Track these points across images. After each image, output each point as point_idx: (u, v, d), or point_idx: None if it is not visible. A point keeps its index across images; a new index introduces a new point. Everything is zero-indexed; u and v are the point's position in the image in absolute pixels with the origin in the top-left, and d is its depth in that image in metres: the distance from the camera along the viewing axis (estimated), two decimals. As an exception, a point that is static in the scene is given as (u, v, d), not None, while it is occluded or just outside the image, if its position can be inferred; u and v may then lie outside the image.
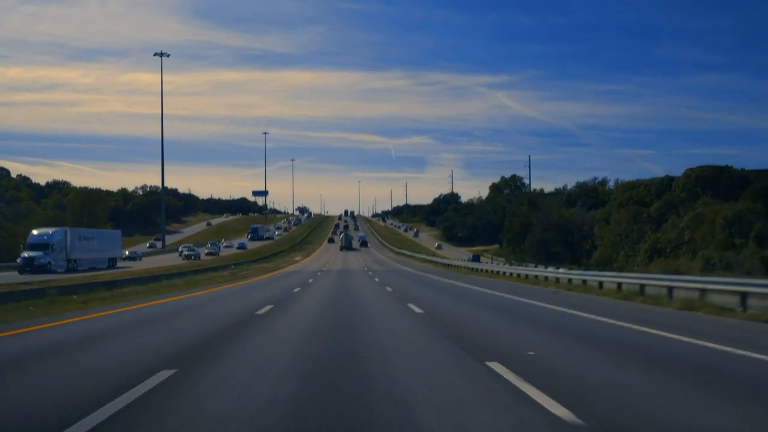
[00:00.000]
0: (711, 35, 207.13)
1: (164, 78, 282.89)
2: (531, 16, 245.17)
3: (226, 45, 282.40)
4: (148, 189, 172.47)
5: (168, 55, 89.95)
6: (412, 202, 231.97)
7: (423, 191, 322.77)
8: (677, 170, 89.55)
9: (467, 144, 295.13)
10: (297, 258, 75.33)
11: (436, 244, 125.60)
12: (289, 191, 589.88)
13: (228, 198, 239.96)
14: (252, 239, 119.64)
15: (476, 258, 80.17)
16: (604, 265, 56.55)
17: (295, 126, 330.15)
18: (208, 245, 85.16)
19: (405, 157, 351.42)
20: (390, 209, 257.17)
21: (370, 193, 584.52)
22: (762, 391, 6.32)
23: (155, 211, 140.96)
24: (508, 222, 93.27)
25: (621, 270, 44.63)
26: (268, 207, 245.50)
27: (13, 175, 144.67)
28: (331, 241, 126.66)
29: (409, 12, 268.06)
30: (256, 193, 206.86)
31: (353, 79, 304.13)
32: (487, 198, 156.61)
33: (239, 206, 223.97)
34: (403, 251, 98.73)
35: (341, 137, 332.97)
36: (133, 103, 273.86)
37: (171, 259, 67.18)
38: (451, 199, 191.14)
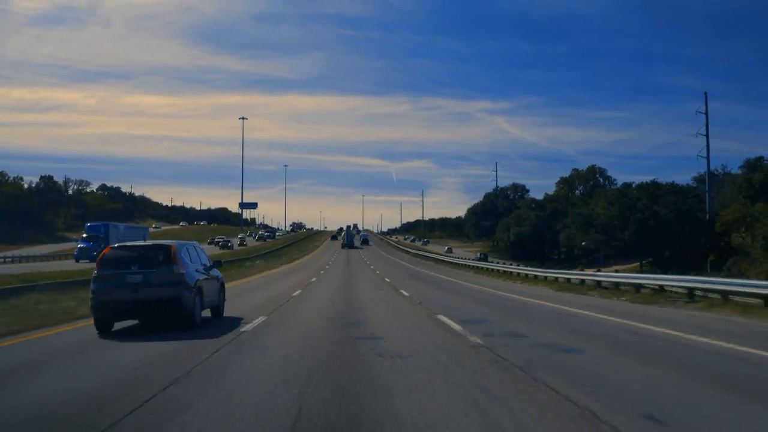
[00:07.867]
0: (710, 63, 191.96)
1: (166, 100, 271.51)
2: (530, 43, 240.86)
3: (228, 69, 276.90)
4: (47, 178, 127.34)
5: None
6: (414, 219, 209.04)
7: (424, 212, 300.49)
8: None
9: (468, 168, 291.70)
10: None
11: (446, 248, 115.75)
12: (288, 211, 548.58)
13: (203, 208, 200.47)
14: (86, 254, 51.73)
15: (484, 257, 79.46)
16: None
17: (296, 149, 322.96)
18: None
19: (406, 181, 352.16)
20: (398, 226, 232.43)
21: (372, 215, 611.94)
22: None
23: (49, 209, 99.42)
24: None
25: None
26: (258, 222, 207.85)
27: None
28: (334, 238, 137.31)
29: (410, 38, 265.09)
30: (243, 206, 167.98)
31: (355, 104, 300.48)
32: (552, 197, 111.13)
33: (214, 217, 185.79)
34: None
35: (342, 160, 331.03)
36: (136, 125, 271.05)
37: None
38: (515, 194, 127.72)
